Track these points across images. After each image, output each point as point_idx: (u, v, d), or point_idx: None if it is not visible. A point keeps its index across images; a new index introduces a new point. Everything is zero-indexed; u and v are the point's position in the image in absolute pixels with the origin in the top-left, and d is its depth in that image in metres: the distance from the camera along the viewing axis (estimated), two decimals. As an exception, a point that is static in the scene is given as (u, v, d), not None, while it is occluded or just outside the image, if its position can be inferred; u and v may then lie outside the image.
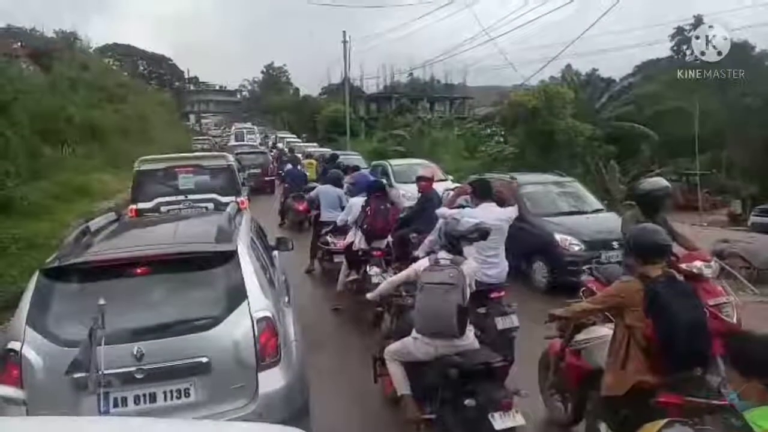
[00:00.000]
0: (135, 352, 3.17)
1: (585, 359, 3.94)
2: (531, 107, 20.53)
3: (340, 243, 7.75)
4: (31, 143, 16.59)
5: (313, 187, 11.84)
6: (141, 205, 8.64)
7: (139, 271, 3.47)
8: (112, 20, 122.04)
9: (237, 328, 3.39)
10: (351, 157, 19.17)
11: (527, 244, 7.98)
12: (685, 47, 46.30)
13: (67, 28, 40.66)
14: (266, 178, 19.04)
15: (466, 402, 3.46)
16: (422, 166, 14.38)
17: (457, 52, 60.01)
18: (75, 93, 25.01)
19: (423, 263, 4.05)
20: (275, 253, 5.46)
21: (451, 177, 15.51)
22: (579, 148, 20.65)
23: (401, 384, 3.99)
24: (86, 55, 35.64)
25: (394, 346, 4.12)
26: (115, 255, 3.60)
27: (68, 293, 3.41)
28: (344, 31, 34.91)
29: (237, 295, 3.46)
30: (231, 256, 3.58)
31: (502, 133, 25.20)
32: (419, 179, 7.96)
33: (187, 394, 3.31)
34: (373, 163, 17.84)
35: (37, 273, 3.47)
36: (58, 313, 3.31)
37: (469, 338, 3.88)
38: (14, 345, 3.21)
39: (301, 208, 12.52)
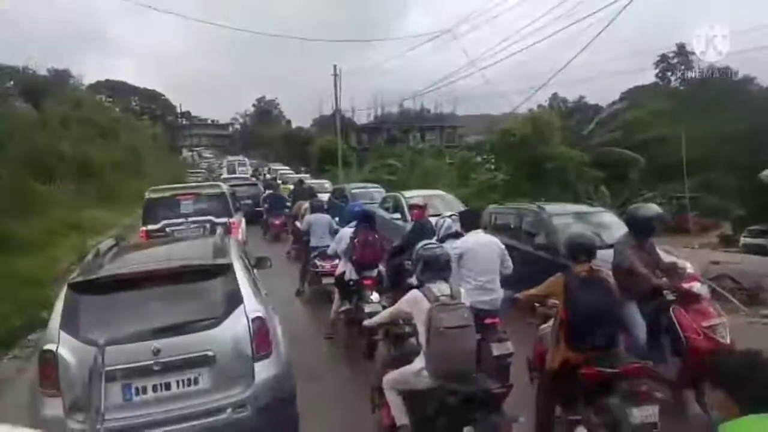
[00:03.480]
0: (153, 349, 3.69)
1: (545, 344, 4.41)
2: (520, 135, 20.82)
3: (328, 265, 8.31)
4: (22, 180, 16.60)
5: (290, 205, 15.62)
6: (150, 227, 10.03)
7: (153, 282, 4.03)
8: (105, 58, 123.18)
9: (236, 327, 3.95)
10: (370, 190, 17.82)
11: None
12: (669, 74, 47.40)
13: (60, 66, 41.06)
14: (257, 209, 19.12)
15: (465, 429, 3.43)
16: (440, 197, 13.06)
17: (445, 83, 60.50)
18: (67, 129, 25.14)
19: (421, 302, 3.83)
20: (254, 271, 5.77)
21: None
22: (569, 174, 20.87)
23: (400, 414, 3.93)
24: (78, 93, 35.92)
25: (392, 376, 4.04)
26: (134, 269, 4.21)
27: (93, 302, 3.91)
28: (335, 65, 35.30)
29: (234, 300, 4.04)
30: (228, 268, 4.20)
31: (493, 160, 25.46)
32: (411, 207, 8.04)
33: (197, 382, 3.85)
34: (385, 195, 15.60)
35: (65, 287, 3.99)
36: (85, 318, 3.81)
37: None
38: (50, 346, 3.70)
39: (278, 223, 15.56)
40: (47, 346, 3.73)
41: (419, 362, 3.82)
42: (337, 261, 7.53)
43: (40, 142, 20.26)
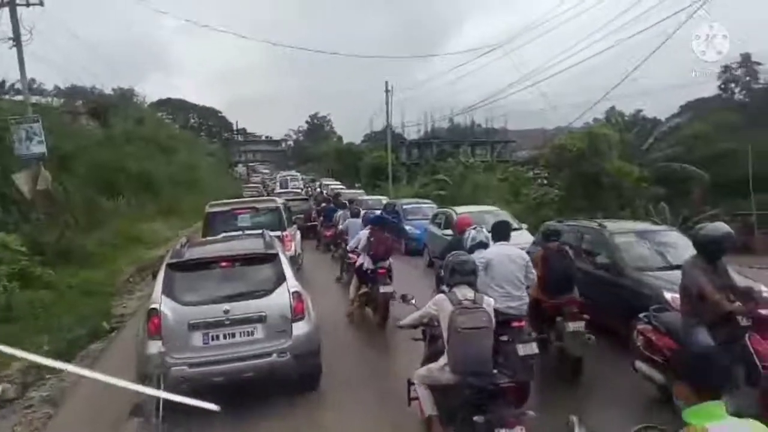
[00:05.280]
0: (224, 310, 5.37)
1: None
2: (575, 150, 20.32)
3: (355, 258, 9.98)
4: (88, 195, 17.37)
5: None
6: (209, 238, 10.59)
7: (224, 263, 5.81)
8: (167, 76, 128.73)
9: (281, 297, 5.62)
10: (422, 206, 18.94)
11: (626, 304, 6.77)
12: (732, 85, 45.43)
13: (125, 85, 42.91)
14: (309, 224, 19.33)
15: (475, 418, 3.85)
16: (493, 214, 12.74)
17: (497, 98, 60.06)
18: (130, 146, 26.17)
19: (445, 305, 4.21)
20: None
21: (525, 225, 13.97)
22: (626, 190, 20.19)
23: (428, 405, 4.40)
24: (141, 110, 37.49)
25: (422, 371, 4.54)
26: (210, 255, 6.04)
27: (183, 276, 5.63)
28: (386, 81, 35.65)
29: (280, 278, 5.76)
30: (275, 256, 5.98)
31: (546, 176, 24.94)
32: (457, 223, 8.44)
33: (253, 334, 5.48)
34: (436, 210, 16.02)
35: (164, 265, 5.75)
36: (178, 287, 5.51)
37: None
38: (155, 305, 5.37)
39: (328, 234, 16.40)
40: (153, 305, 5.37)
41: (443, 359, 4.29)
42: (362, 261, 9.17)
43: (105, 159, 21.16)
